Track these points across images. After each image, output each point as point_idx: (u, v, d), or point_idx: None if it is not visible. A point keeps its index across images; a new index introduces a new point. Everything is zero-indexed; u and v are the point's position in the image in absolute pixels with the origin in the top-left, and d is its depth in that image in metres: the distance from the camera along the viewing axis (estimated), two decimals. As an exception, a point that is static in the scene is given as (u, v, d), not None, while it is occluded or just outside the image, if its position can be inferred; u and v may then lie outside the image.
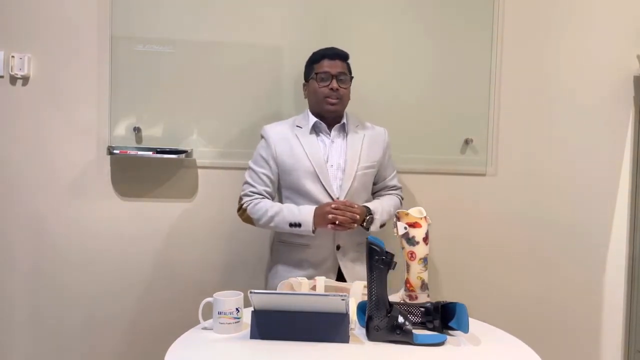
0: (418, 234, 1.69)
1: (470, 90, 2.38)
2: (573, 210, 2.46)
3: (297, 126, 2.01)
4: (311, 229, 1.88)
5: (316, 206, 1.90)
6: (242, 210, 1.99)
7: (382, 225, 1.98)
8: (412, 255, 1.69)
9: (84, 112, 2.24)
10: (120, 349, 2.30)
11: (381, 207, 1.99)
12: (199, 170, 2.30)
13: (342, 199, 1.94)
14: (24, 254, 2.25)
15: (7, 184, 2.23)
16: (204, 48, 2.26)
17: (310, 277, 1.82)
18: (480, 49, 2.38)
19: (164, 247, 2.30)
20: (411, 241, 1.69)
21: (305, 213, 1.89)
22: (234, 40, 2.27)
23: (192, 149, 2.26)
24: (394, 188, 2.13)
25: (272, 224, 1.92)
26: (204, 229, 2.31)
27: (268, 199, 1.98)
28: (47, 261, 2.26)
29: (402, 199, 2.15)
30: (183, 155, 2.21)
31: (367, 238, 1.54)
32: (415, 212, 1.70)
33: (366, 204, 1.97)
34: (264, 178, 1.98)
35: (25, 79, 2.21)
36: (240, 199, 2.00)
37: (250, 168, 2.01)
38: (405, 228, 1.69)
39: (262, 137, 2.02)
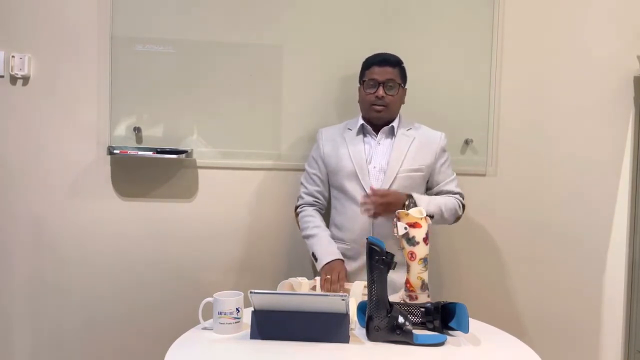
0: (418, 234, 1.69)
1: (470, 90, 2.38)
2: (573, 211, 2.46)
3: (348, 129, 2.08)
4: (319, 269, 1.94)
5: (336, 259, 1.93)
6: (295, 212, 2.13)
7: (430, 216, 1.85)
8: (412, 255, 1.69)
9: (84, 112, 2.24)
10: (120, 349, 2.30)
11: (428, 199, 1.96)
12: (199, 170, 2.30)
13: None
14: (24, 254, 2.25)
15: (7, 184, 2.23)
16: (204, 48, 2.26)
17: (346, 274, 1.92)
18: (480, 49, 2.37)
19: (164, 247, 2.30)
20: (411, 241, 1.69)
21: (324, 255, 1.94)
22: (234, 40, 2.27)
23: (192, 149, 2.26)
24: (449, 193, 2.04)
25: (305, 240, 2.04)
26: (204, 229, 2.31)
27: (319, 199, 2.09)
28: (47, 261, 2.26)
29: (463, 205, 2.05)
30: (183, 155, 2.21)
31: (367, 238, 1.54)
32: (415, 212, 1.70)
33: (411, 193, 1.93)
34: (315, 178, 2.09)
35: (25, 79, 2.21)
36: (297, 199, 2.13)
37: (305, 169, 2.13)
38: (406, 228, 1.69)
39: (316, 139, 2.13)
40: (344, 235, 2.02)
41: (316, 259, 1.96)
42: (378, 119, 2.02)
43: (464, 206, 2.06)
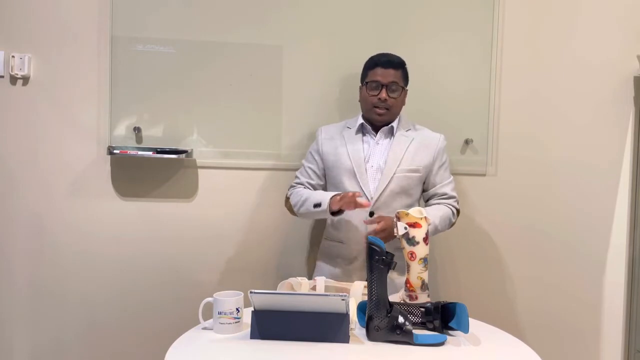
0: (418, 234, 1.69)
1: (470, 91, 2.38)
2: (573, 210, 2.46)
3: (347, 127, 2.08)
4: (327, 207, 1.90)
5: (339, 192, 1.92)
6: (286, 199, 2.10)
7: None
8: (412, 255, 1.69)
9: (84, 112, 2.24)
10: (120, 349, 2.30)
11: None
12: (199, 170, 2.30)
13: (376, 199, 1.96)
14: (24, 254, 2.25)
15: (7, 184, 2.23)
16: (204, 48, 2.26)
17: (344, 274, 1.95)
18: (480, 49, 2.37)
19: (164, 247, 2.30)
20: (411, 241, 1.69)
21: (326, 195, 1.93)
22: (234, 40, 2.27)
23: (192, 149, 2.26)
24: (444, 196, 2.03)
25: (303, 208, 1.99)
26: (204, 229, 2.31)
27: (310, 188, 2.06)
28: (47, 261, 2.26)
29: (457, 209, 2.05)
30: (183, 155, 2.21)
31: (367, 238, 1.54)
32: (415, 212, 1.70)
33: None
34: (309, 171, 2.08)
35: (25, 79, 2.21)
36: (288, 190, 2.11)
37: (302, 164, 2.13)
38: (406, 228, 1.69)
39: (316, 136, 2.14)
40: (341, 234, 2.01)
41: (320, 206, 1.91)
42: (379, 122, 2.02)
43: (458, 212, 2.06)
